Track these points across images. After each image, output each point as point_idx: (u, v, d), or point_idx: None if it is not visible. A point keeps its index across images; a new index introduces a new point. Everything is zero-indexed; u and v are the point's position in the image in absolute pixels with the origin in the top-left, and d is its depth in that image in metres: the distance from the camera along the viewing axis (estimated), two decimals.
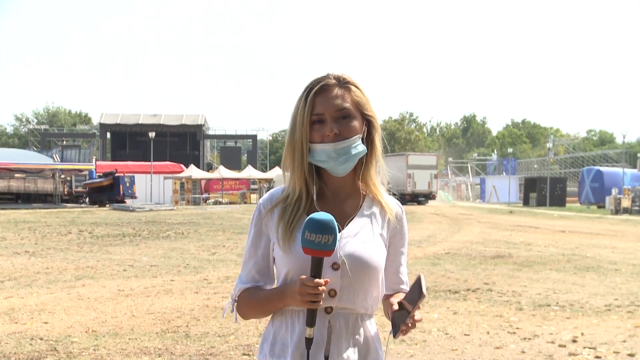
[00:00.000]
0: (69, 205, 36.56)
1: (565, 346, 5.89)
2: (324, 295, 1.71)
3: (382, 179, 1.94)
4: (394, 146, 70.01)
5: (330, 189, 1.89)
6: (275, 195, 1.91)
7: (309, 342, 1.74)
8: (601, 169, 45.60)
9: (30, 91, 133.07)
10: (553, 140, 70.76)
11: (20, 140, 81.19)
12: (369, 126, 1.88)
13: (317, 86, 1.83)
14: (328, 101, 1.82)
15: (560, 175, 59.32)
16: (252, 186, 47.45)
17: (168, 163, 51.30)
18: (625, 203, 32.70)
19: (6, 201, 36.45)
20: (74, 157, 44.01)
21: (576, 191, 48.82)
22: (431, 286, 9.08)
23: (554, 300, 8.21)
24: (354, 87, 1.86)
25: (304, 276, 1.71)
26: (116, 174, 37.88)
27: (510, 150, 71.53)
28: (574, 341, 6.08)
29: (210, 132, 69.17)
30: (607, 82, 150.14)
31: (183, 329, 6.41)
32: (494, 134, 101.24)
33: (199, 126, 64.42)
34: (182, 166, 50.00)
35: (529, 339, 6.16)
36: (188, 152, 64.71)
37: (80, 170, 40.78)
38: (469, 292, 8.67)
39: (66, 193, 39.78)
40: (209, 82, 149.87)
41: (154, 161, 43.98)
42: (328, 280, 1.73)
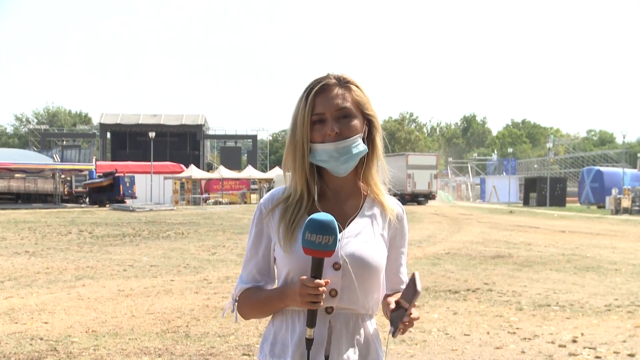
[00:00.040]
0: (69, 205, 36.56)
1: (565, 346, 5.89)
2: (324, 296, 1.70)
3: (383, 178, 1.94)
4: (394, 146, 70.05)
5: (332, 189, 1.89)
6: (276, 195, 1.91)
7: (309, 342, 1.74)
8: (601, 169, 45.58)
9: (30, 91, 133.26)
10: (553, 140, 70.73)
11: (20, 140, 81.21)
12: (370, 126, 1.88)
13: (318, 86, 1.83)
14: (328, 101, 1.82)
15: (560, 175, 59.30)
16: (252, 186, 47.46)
17: (168, 163, 51.31)
18: (625, 203, 32.70)
19: (6, 201, 36.46)
20: (74, 157, 44.04)
21: (576, 191, 48.82)
22: (431, 286, 9.08)
23: (554, 300, 8.21)
24: (354, 87, 1.86)
25: (304, 277, 1.71)
26: (116, 174, 37.89)
27: (510, 150, 71.56)
28: (574, 341, 6.08)
29: (210, 132, 69.17)
30: (607, 82, 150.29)
31: (183, 329, 6.41)
32: (494, 134, 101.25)
33: (199, 126, 64.43)
34: (182, 166, 50.00)
35: (529, 339, 6.16)
36: (188, 152, 64.72)
37: (80, 171, 40.79)
38: (469, 292, 8.67)
39: (66, 193, 39.80)
40: (209, 82, 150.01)
41: (154, 161, 43.98)
42: (329, 280, 1.73)
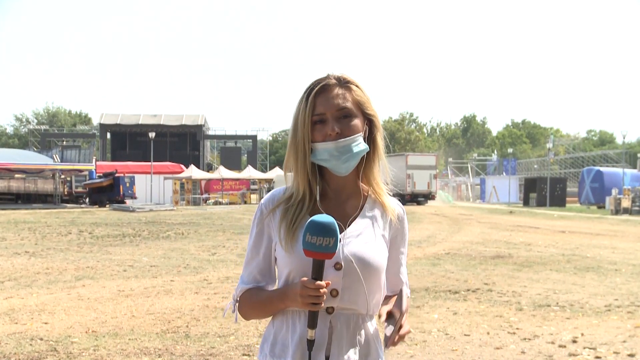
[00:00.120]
0: (69, 205, 36.57)
1: (565, 346, 5.89)
2: (325, 297, 1.70)
3: (385, 177, 1.94)
4: (394, 146, 70.08)
5: (333, 189, 1.88)
6: (276, 195, 1.91)
7: (310, 343, 1.74)
8: (601, 169, 45.58)
9: (30, 91, 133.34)
10: (553, 140, 70.73)
11: (20, 140, 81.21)
12: (371, 125, 1.88)
13: (318, 86, 1.83)
14: (329, 101, 1.82)
15: (560, 175, 59.31)
16: (252, 186, 47.48)
17: (168, 163, 51.31)
18: (625, 203, 32.69)
19: (6, 201, 36.47)
20: (74, 158, 43.99)
21: (576, 191, 48.81)
22: (431, 286, 9.08)
23: (554, 300, 8.20)
24: (354, 87, 1.86)
25: (305, 278, 1.71)
26: (116, 175, 37.90)
27: (510, 150, 71.58)
28: (574, 341, 6.08)
29: (210, 133, 69.17)
30: (607, 82, 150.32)
31: (183, 329, 6.41)
32: (494, 134, 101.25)
33: (199, 126, 64.44)
34: (182, 166, 50.00)
35: (529, 339, 6.16)
36: (188, 152, 64.73)
37: (80, 171, 40.80)
38: (469, 293, 8.66)
39: (66, 193, 39.82)
40: (209, 82, 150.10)
41: (154, 161, 43.98)
42: (329, 282, 1.72)
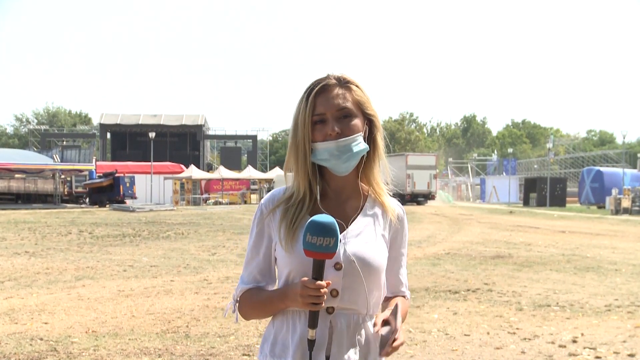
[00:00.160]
0: (69, 205, 36.57)
1: (565, 346, 5.89)
2: (325, 297, 1.70)
3: (385, 177, 1.94)
4: (394, 146, 70.10)
5: (333, 189, 1.89)
6: (277, 195, 1.91)
7: (311, 343, 1.74)
8: (601, 169, 45.59)
9: (30, 91, 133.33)
10: (553, 140, 70.73)
11: (20, 140, 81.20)
12: (371, 125, 1.88)
13: (318, 86, 1.83)
14: (329, 101, 1.82)
15: (560, 175, 59.30)
16: (252, 186, 47.48)
17: (168, 163, 51.31)
18: (625, 203, 32.70)
19: (6, 201, 36.47)
20: (74, 158, 44.00)
21: (576, 191, 48.81)
22: (431, 286, 9.08)
23: (554, 300, 8.21)
24: (354, 87, 1.86)
25: (305, 278, 1.71)
26: (116, 175, 37.89)
27: (510, 150, 71.59)
28: (574, 341, 6.08)
29: (211, 133, 69.16)
30: (607, 82, 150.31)
31: (183, 329, 6.41)
32: (494, 134, 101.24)
33: (199, 126, 64.43)
34: (182, 166, 50.00)
35: (529, 339, 6.16)
36: (188, 152, 64.71)
37: (80, 171, 40.80)
38: (469, 293, 8.67)
39: (66, 193, 39.81)
40: (209, 82, 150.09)
41: (154, 161, 43.98)
42: (330, 282, 1.72)
